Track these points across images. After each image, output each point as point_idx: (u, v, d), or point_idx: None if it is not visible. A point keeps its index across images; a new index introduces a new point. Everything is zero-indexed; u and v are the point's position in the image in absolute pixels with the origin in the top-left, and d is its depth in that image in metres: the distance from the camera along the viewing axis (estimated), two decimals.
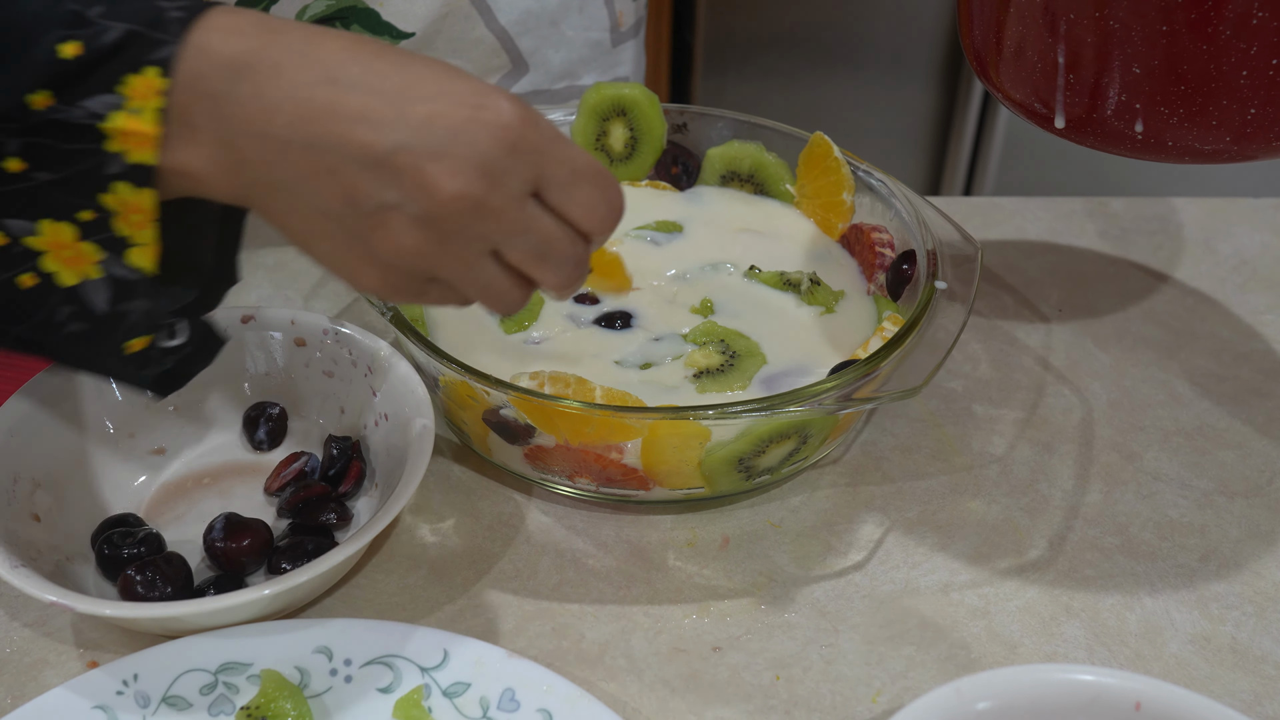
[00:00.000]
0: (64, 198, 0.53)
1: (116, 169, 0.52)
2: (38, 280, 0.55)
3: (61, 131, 0.51)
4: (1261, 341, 0.89)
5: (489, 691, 0.60)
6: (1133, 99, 0.65)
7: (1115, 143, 0.68)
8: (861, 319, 0.79)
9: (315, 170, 0.52)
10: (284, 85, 0.52)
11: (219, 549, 0.66)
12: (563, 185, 0.55)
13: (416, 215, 0.53)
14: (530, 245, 0.56)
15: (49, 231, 0.54)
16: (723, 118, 0.90)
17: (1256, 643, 0.67)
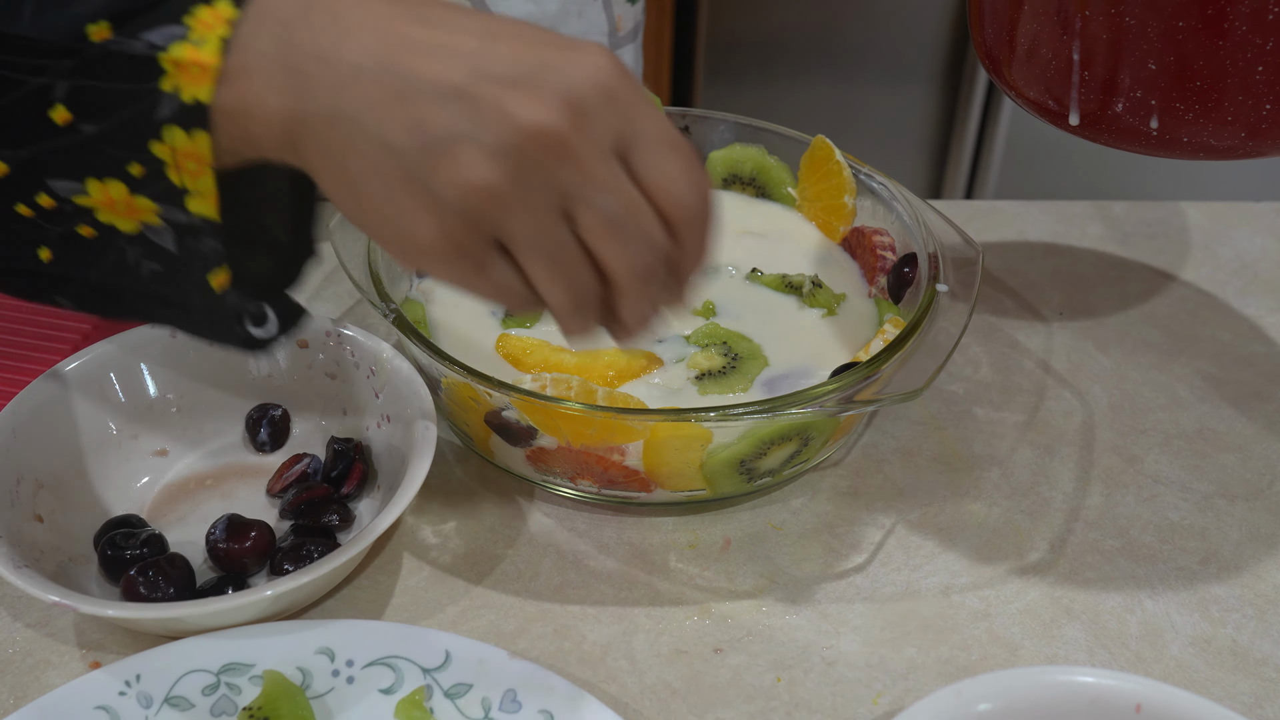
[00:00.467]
0: (112, 151, 0.50)
1: (168, 111, 0.48)
2: (96, 232, 0.52)
3: (116, 67, 0.48)
4: (1262, 344, 0.89)
5: (491, 692, 0.60)
6: (1148, 95, 0.65)
7: (1129, 139, 0.68)
8: (863, 321, 0.79)
9: (385, 96, 0.48)
10: (363, 14, 0.49)
11: (221, 550, 0.66)
12: (652, 149, 0.50)
13: (491, 146, 0.47)
14: (608, 208, 0.49)
15: (97, 191, 0.50)
16: (724, 121, 0.90)
17: (1257, 645, 0.67)
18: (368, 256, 0.75)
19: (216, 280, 0.52)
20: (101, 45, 0.48)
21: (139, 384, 0.73)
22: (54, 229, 0.52)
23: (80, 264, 0.53)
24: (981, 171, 2.08)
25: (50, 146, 0.49)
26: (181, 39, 0.48)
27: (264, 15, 0.48)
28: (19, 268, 0.54)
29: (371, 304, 0.72)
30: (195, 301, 0.54)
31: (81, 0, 0.48)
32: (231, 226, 0.52)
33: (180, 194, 0.50)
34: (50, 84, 0.48)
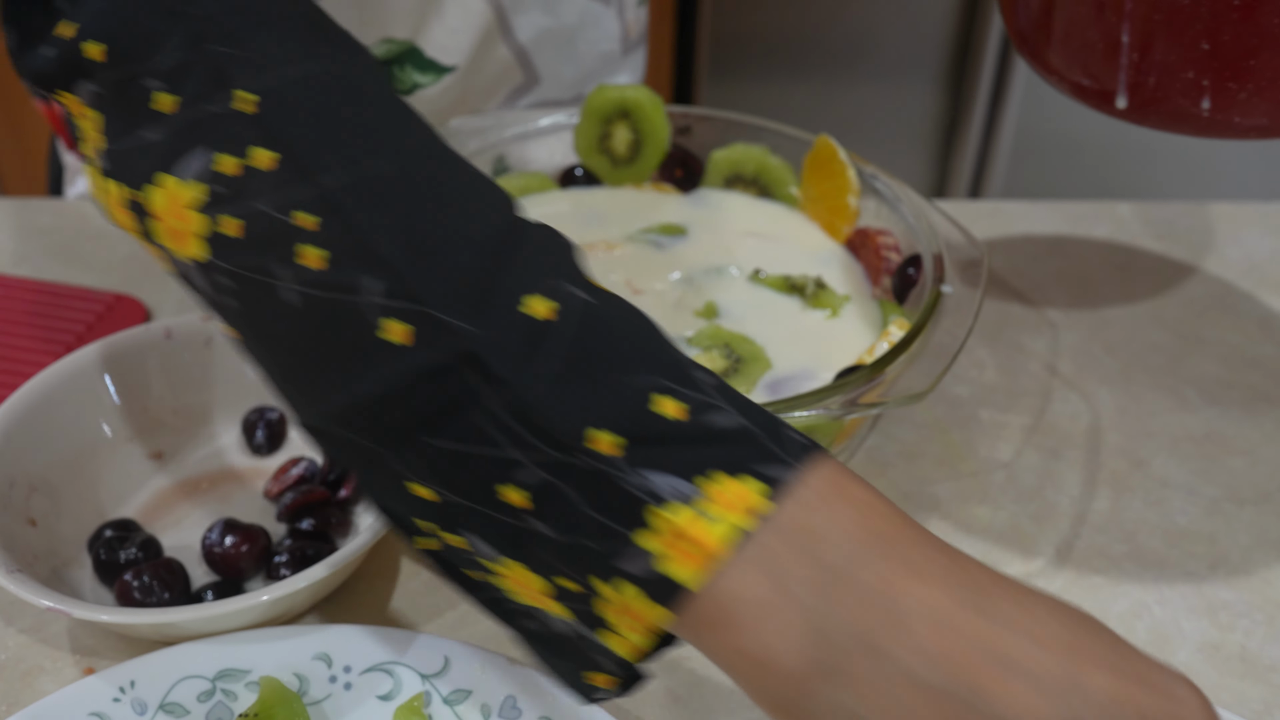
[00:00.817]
0: (551, 559, 0.44)
1: (634, 569, 0.42)
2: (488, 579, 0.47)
3: (599, 489, 0.42)
4: (1271, 347, 0.89)
5: (490, 699, 0.59)
6: (1200, 76, 0.64)
7: (1179, 122, 0.67)
8: (867, 323, 0.78)
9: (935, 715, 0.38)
10: (918, 589, 0.40)
11: (217, 554, 0.66)
12: None
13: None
14: None
15: (515, 571, 0.45)
16: (727, 120, 0.89)
17: (1266, 651, 0.67)
18: None
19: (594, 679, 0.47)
20: (596, 457, 0.41)
21: (134, 386, 0.72)
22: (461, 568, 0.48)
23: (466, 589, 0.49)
24: (987, 171, 2.08)
25: (490, 516, 0.44)
26: (687, 502, 0.41)
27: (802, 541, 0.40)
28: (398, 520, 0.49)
29: None
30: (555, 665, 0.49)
31: (603, 395, 0.42)
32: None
33: (597, 622, 0.44)
34: (520, 462, 0.43)
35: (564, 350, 0.43)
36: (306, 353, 0.46)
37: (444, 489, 0.44)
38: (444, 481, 0.44)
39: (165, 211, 0.48)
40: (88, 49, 0.50)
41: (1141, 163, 2.07)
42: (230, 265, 0.46)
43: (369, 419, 0.44)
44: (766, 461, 0.41)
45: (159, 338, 0.73)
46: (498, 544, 0.45)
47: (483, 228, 0.45)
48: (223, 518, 0.67)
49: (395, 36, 0.93)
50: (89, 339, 0.81)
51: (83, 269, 0.91)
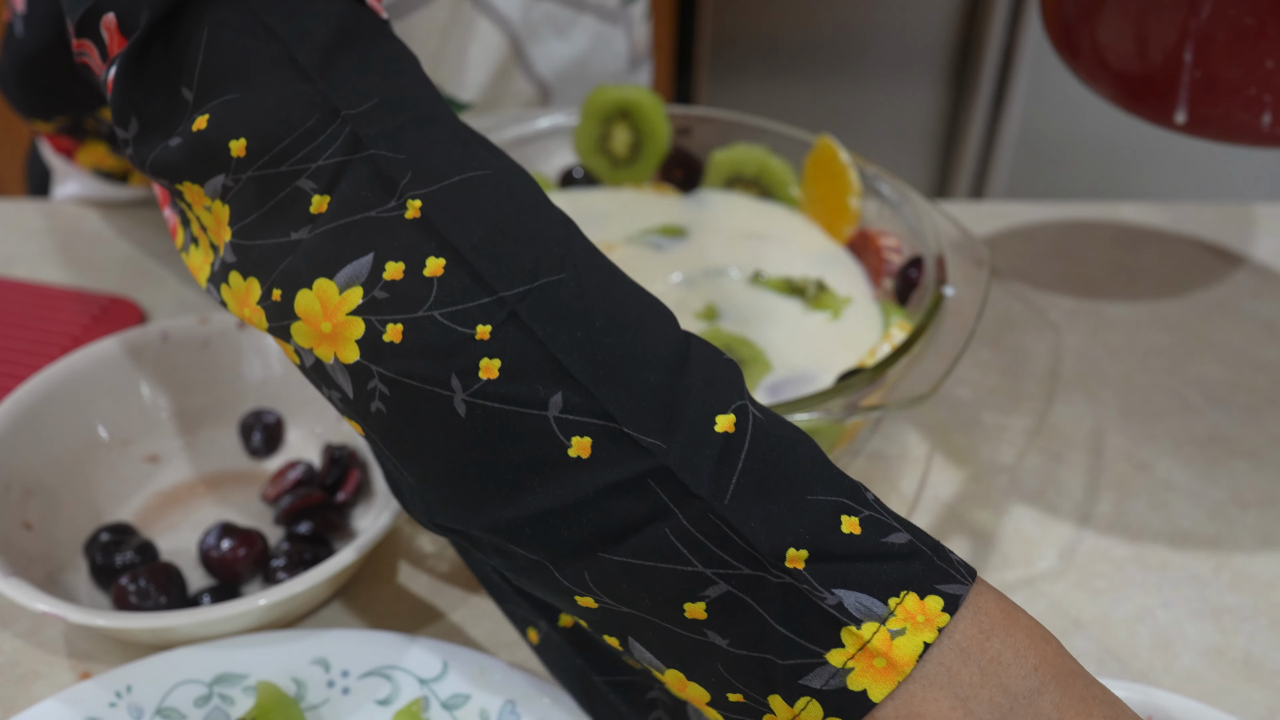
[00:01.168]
0: (719, 670, 0.43)
1: (820, 684, 0.41)
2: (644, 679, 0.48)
3: (789, 604, 0.42)
4: (1276, 349, 0.88)
5: (489, 703, 0.59)
6: (1262, 92, 0.64)
7: (1237, 135, 0.67)
8: (868, 325, 0.78)
9: None
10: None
11: (214, 558, 0.65)
12: None
13: None
14: None
15: (673, 678, 0.45)
16: (727, 121, 0.89)
17: (1271, 656, 0.66)
18: None
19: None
20: (787, 573, 0.41)
21: (130, 389, 0.72)
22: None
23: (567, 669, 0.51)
24: (989, 172, 2.08)
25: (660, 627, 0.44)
26: (879, 620, 0.41)
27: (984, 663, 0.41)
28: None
29: None
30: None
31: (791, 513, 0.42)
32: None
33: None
34: (710, 578, 0.42)
35: (754, 468, 0.43)
36: (471, 463, 0.45)
37: (613, 601, 0.44)
38: (616, 594, 0.44)
39: (316, 314, 0.46)
40: (231, 145, 0.48)
41: (1145, 163, 2.07)
42: (389, 371, 0.45)
43: (542, 531, 0.44)
44: (945, 580, 0.42)
45: (155, 340, 0.73)
46: (664, 655, 0.44)
47: (661, 343, 0.45)
48: (220, 521, 0.67)
49: None
50: (84, 341, 0.80)
51: (78, 271, 0.90)
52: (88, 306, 0.86)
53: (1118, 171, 2.07)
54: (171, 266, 0.91)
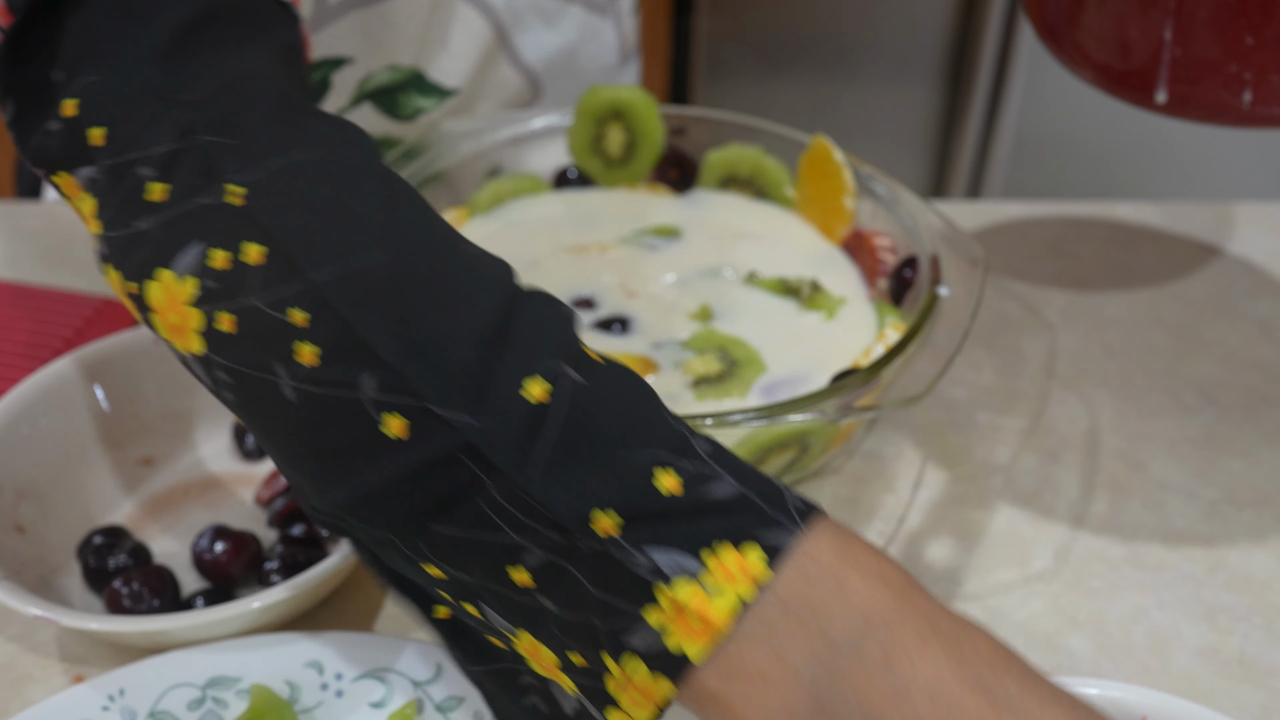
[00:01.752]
0: (559, 633, 0.45)
1: (641, 644, 0.42)
2: (505, 645, 0.48)
3: (604, 570, 0.43)
4: (1271, 348, 0.88)
5: (482, 706, 0.59)
6: (1243, 69, 0.63)
7: (1217, 114, 0.67)
8: (863, 326, 0.78)
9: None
10: (923, 664, 0.40)
11: (208, 560, 0.65)
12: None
13: None
14: None
15: (527, 641, 0.46)
16: (722, 121, 0.89)
17: (1266, 655, 0.66)
18: None
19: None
20: (599, 539, 0.42)
21: (123, 391, 0.72)
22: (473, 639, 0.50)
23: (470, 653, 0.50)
24: (984, 171, 2.08)
25: (500, 593, 0.45)
26: (692, 577, 0.41)
27: (805, 614, 0.41)
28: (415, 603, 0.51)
29: None
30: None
31: (598, 477, 0.43)
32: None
33: (605, 700, 0.45)
34: (525, 547, 0.44)
35: (558, 434, 0.43)
36: (308, 445, 0.46)
37: (454, 570, 0.45)
38: (453, 564, 0.45)
39: (163, 306, 0.47)
40: (91, 134, 0.49)
41: (1140, 163, 2.07)
42: (227, 361, 0.46)
43: (374, 508, 0.45)
44: (768, 527, 0.42)
45: (148, 343, 0.72)
46: (510, 617, 0.46)
47: (478, 315, 0.45)
48: (213, 524, 0.67)
49: (401, 63, 0.93)
50: (77, 344, 0.80)
51: (72, 273, 0.90)
52: (81, 309, 0.86)
53: (1113, 171, 2.07)
54: None
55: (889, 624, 0.40)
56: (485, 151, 0.88)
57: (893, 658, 0.40)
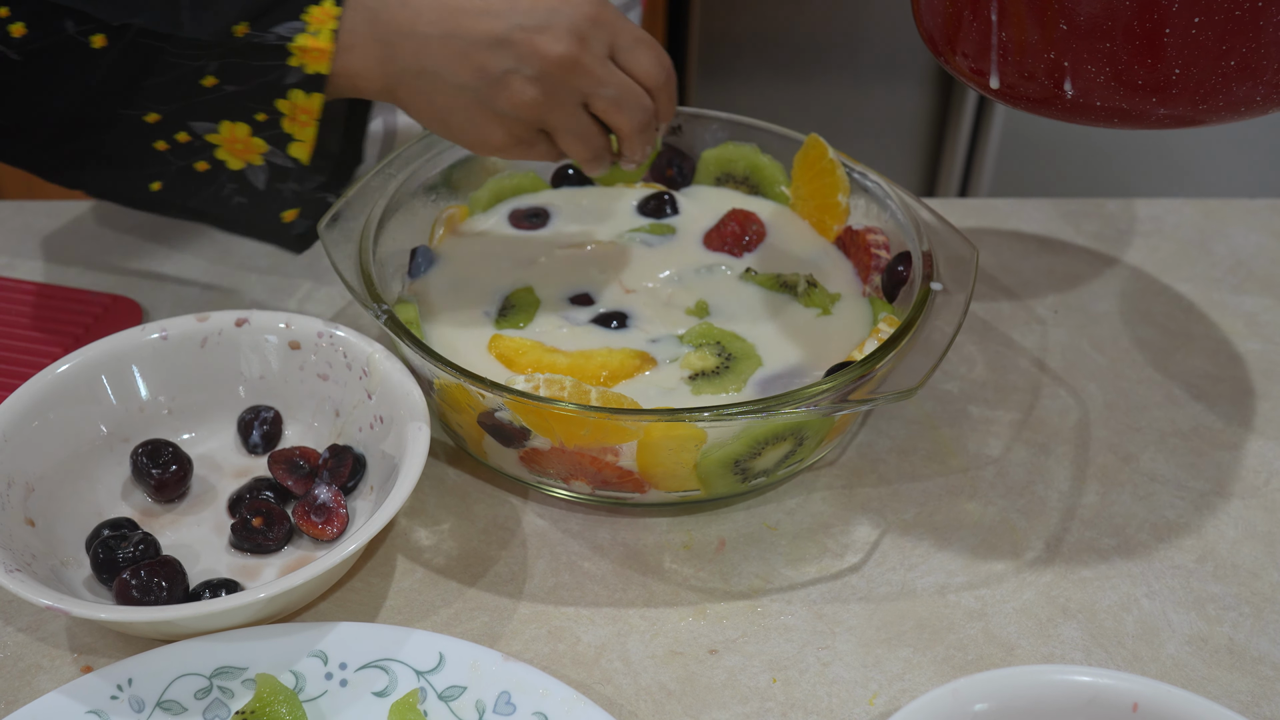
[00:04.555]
0: (247, 103, 0.71)
1: (295, 79, 0.70)
2: (209, 166, 0.73)
3: (254, 52, 0.69)
4: (1258, 342, 0.89)
5: (485, 695, 0.60)
6: (1060, 57, 0.64)
7: (1049, 105, 0.67)
8: (857, 321, 0.79)
9: (452, 55, 0.70)
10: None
11: (155, 477, 0.71)
12: (630, 48, 0.73)
13: (531, 75, 0.70)
14: (611, 95, 0.72)
15: (226, 130, 0.72)
16: (717, 119, 0.90)
17: (1254, 643, 0.67)
18: (359, 258, 0.75)
19: (288, 215, 0.76)
20: (244, 39, 0.69)
21: (130, 386, 0.73)
22: (177, 163, 0.73)
23: (186, 194, 0.74)
24: (976, 169, 2.08)
25: (198, 100, 0.70)
26: (303, 31, 0.69)
27: (357, 5, 0.70)
28: (127, 195, 0.76)
29: (363, 305, 0.72)
30: (266, 228, 0.77)
31: (226, 4, 0.69)
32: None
33: (287, 140, 0.73)
34: (204, 65, 0.69)
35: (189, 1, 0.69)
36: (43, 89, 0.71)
37: (164, 105, 0.70)
38: (162, 101, 0.70)
39: None
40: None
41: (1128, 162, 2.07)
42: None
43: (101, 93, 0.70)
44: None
45: (155, 339, 0.73)
46: (212, 115, 0.71)
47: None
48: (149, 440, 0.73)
49: None
50: (86, 340, 0.81)
51: (80, 271, 0.91)
52: (89, 306, 0.86)
53: (1102, 169, 2.08)
54: (171, 266, 0.92)
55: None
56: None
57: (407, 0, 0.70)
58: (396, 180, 0.82)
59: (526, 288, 0.80)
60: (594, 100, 0.72)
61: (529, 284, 0.80)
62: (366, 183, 0.80)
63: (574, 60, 0.70)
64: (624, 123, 0.74)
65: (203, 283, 0.91)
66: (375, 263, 0.75)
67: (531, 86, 0.70)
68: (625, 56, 0.73)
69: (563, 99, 0.72)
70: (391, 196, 0.80)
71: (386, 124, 1.01)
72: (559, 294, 0.80)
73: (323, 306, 0.89)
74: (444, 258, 0.83)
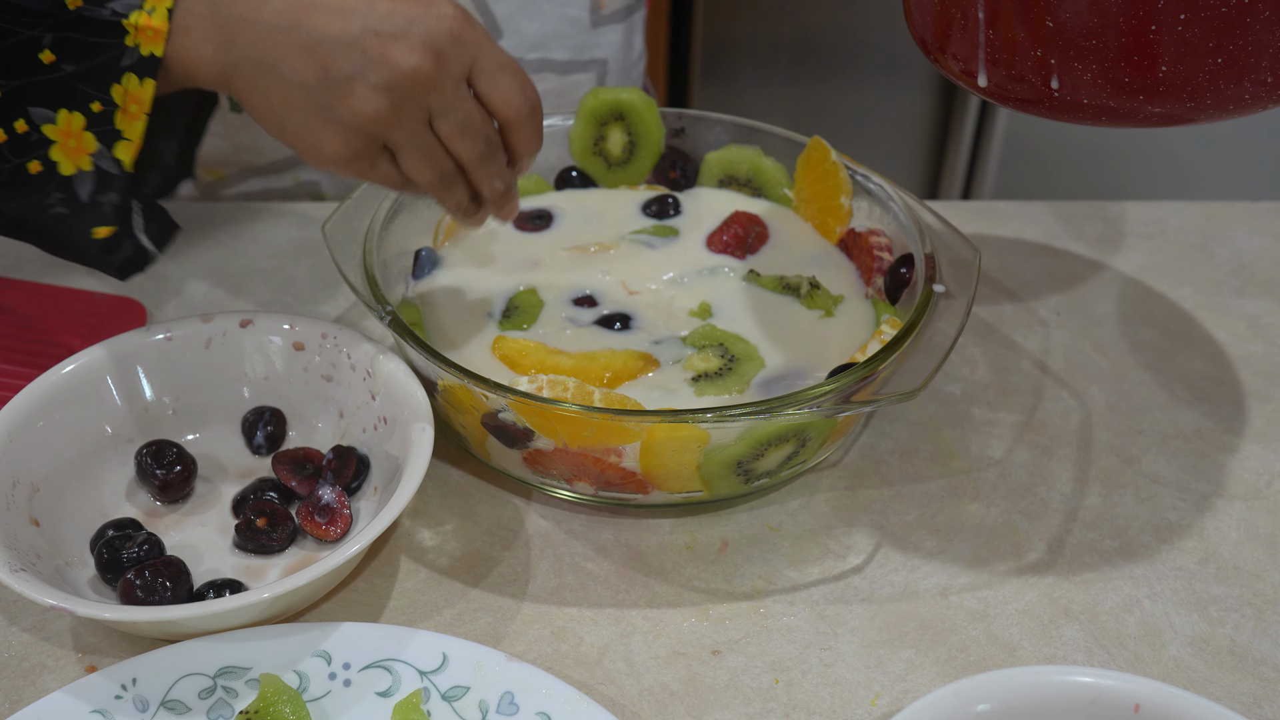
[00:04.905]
0: (83, 88, 0.66)
1: (129, 61, 0.65)
2: (42, 168, 0.67)
3: (89, 27, 0.64)
4: (1260, 344, 0.89)
5: (488, 695, 0.60)
6: (1047, 54, 0.63)
7: (1037, 103, 0.67)
8: (860, 322, 0.79)
9: (296, 49, 0.65)
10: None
11: (159, 477, 0.70)
12: (491, 72, 0.68)
13: (378, 84, 0.65)
14: (457, 119, 0.68)
15: (64, 121, 0.66)
16: (720, 122, 0.90)
17: (1256, 645, 0.67)
18: (363, 260, 0.75)
19: (100, 232, 0.68)
20: (76, 11, 0.64)
21: (135, 387, 0.73)
22: (12, 160, 0.67)
23: (13, 197, 0.67)
24: (978, 172, 2.08)
25: (37, 80, 0.65)
26: (138, 8, 0.65)
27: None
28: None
29: (368, 306, 0.72)
30: (81, 247, 0.69)
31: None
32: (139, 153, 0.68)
33: (115, 136, 0.67)
34: (40, 35, 0.64)
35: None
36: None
37: (3, 79, 0.65)
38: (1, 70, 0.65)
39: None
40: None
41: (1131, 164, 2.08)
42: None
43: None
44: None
45: (160, 340, 0.73)
46: (49, 102, 0.66)
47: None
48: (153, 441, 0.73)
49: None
50: (91, 341, 0.81)
51: (85, 272, 0.91)
52: (94, 307, 0.86)
53: (1104, 172, 2.08)
54: (176, 268, 0.92)
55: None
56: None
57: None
58: None
59: (530, 289, 0.80)
60: (439, 122, 0.67)
61: (532, 285, 0.81)
62: (371, 185, 0.80)
63: (426, 75, 0.65)
64: (465, 151, 0.69)
65: (207, 284, 0.91)
66: (379, 264, 0.76)
67: (377, 96, 0.65)
68: (484, 81, 0.68)
69: (409, 114, 0.66)
70: (395, 198, 0.80)
71: None
72: (562, 295, 0.80)
73: (327, 308, 0.89)
74: (448, 259, 0.83)
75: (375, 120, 0.66)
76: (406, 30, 0.65)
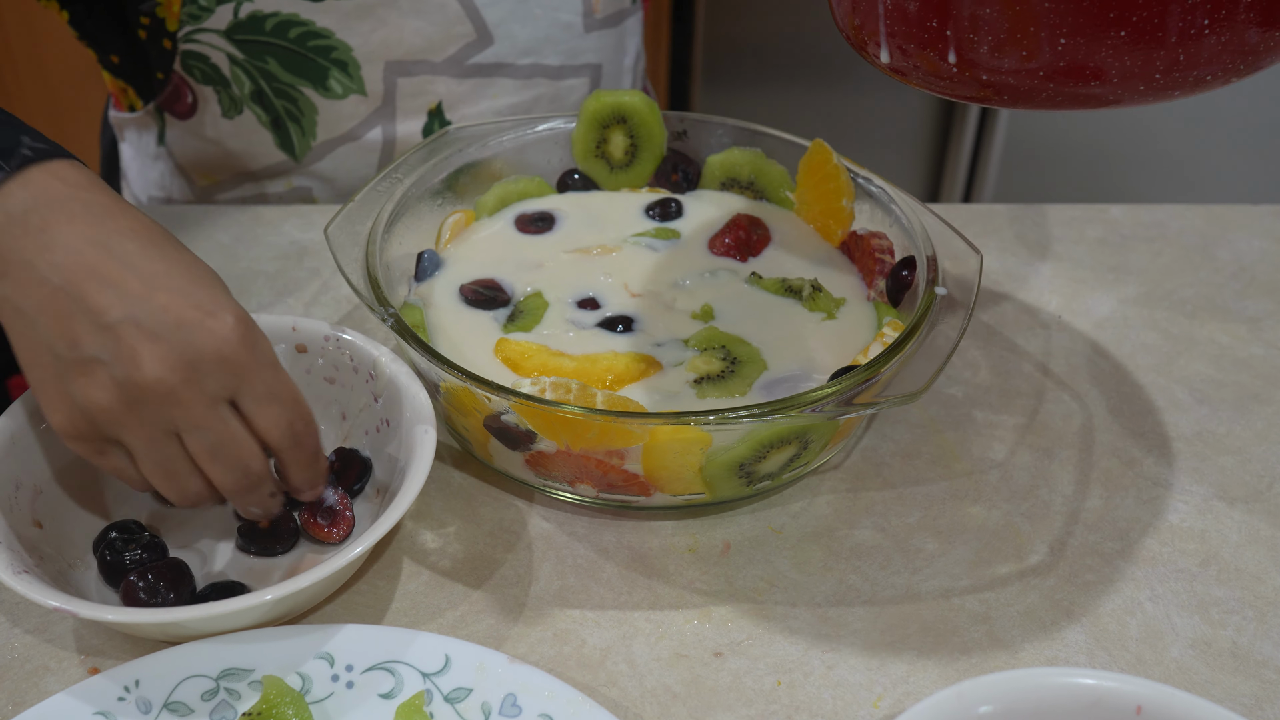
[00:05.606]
0: None
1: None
2: None
3: None
4: (1261, 347, 0.89)
5: (490, 697, 0.60)
6: (942, 25, 0.59)
7: (936, 79, 0.62)
8: (862, 325, 0.79)
9: (54, 310, 0.60)
10: (66, 233, 0.60)
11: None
12: (257, 400, 0.62)
13: (118, 378, 0.59)
14: (207, 441, 0.62)
15: None
16: (722, 125, 0.90)
17: (1257, 647, 0.67)
18: (366, 261, 0.75)
19: None
20: None
21: None
22: None
23: None
24: (979, 175, 2.09)
25: None
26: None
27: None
28: None
29: (370, 309, 0.72)
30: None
31: None
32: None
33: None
34: None
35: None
36: None
37: None
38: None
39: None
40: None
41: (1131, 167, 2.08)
42: None
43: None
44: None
45: None
46: None
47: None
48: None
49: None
50: None
51: None
52: None
53: (1105, 175, 2.08)
54: None
55: (52, 204, 0.61)
56: (490, 154, 0.88)
57: (46, 225, 0.60)
58: (403, 185, 0.82)
59: (535, 292, 0.80)
60: (187, 439, 0.62)
61: (535, 288, 0.81)
62: (373, 187, 0.80)
63: (168, 390, 0.59)
64: (218, 476, 0.63)
65: None
66: (382, 266, 0.76)
67: (111, 390, 0.60)
68: (249, 407, 0.62)
69: (144, 421, 0.61)
70: (398, 201, 0.81)
71: (385, 133, 1.02)
72: (565, 298, 0.80)
73: (329, 310, 0.89)
74: (450, 261, 0.83)
75: (104, 414, 0.61)
76: (167, 335, 0.59)
